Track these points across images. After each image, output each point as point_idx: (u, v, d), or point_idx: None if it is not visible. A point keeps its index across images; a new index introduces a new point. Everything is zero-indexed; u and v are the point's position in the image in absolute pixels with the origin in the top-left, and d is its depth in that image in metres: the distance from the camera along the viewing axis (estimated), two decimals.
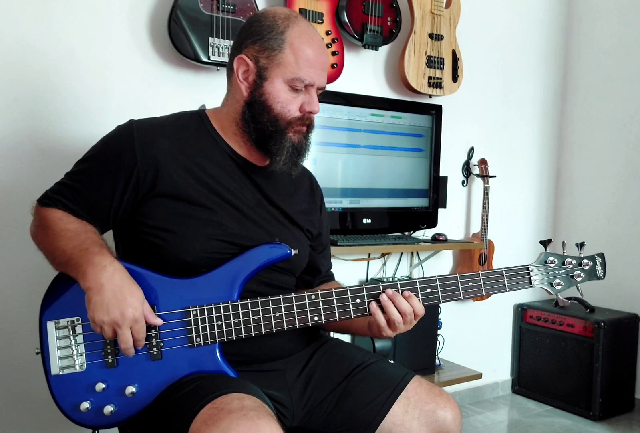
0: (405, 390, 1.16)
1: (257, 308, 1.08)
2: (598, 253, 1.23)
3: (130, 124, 1.14)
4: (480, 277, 1.15)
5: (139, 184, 1.09)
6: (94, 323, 0.99)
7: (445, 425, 1.14)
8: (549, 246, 1.21)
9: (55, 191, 1.14)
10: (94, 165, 1.13)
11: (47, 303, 1.08)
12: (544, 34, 2.94)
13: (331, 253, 1.44)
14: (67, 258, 1.04)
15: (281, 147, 1.13)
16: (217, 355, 1.07)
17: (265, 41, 1.11)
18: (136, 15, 1.81)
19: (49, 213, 1.11)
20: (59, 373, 1.05)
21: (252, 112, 1.13)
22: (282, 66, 1.10)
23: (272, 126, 1.12)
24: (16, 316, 1.63)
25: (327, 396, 1.18)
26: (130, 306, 0.99)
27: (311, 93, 1.14)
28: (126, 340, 1.00)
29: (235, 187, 1.16)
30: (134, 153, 1.09)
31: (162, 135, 1.12)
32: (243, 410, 0.91)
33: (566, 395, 2.68)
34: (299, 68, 1.10)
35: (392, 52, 2.38)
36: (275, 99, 1.11)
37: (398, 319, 1.09)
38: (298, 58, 1.10)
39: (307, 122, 1.16)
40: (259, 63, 1.12)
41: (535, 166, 2.97)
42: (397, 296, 1.10)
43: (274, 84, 1.11)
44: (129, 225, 1.14)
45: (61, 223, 1.09)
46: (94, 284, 0.99)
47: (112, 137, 1.14)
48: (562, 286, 1.20)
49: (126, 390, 1.03)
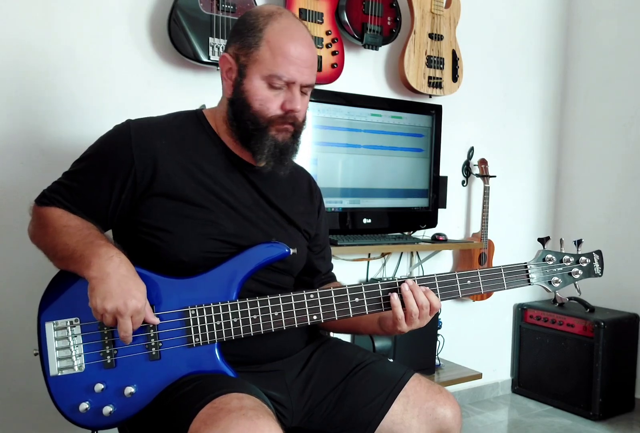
0: (405, 388, 1.16)
1: (255, 308, 1.08)
2: (595, 250, 1.23)
3: (127, 123, 1.14)
4: (479, 275, 1.16)
5: (136, 183, 1.09)
6: (96, 311, 0.99)
7: (445, 422, 1.15)
8: (547, 243, 1.21)
9: (53, 190, 1.14)
10: (91, 164, 1.13)
11: (45, 304, 1.08)
12: (544, 34, 2.94)
13: (331, 253, 1.44)
14: (71, 252, 1.04)
15: (262, 146, 1.12)
16: (216, 354, 1.06)
17: (244, 39, 1.11)
18: (136, 15, 1.81)
19: (47, 212, 1.11)
20: (57, 374, 1.04)
21: (234, 110, 1.13)
22: (258, 62, 1.09)
23: (252, 124, 1.12)
24: (15, 316, 1.63)
25: (326, 396, 1.18)
26: (134, 297, 0.99)
27: (293, 91, 1.11)
28: (126, 329, 1.00)
29: (232, 186, 1.16)
30: (131, 152, 1.09)
31: (160, 134, 1.12)
32: (242, 410, 0.91)
33: (566, 395, 2.68)
34: (276, 65, 1.08)
35: (392, 52, 2.38)
36: (253, 96, 1.10)
37: (415, 311, 1.10)
38: (275, 55, 1.08)
39: (291, 121, 1.13)
40: (239, 61, 1.12)
41: (535, 166, 2.97)
42: (417, 288, 1.11)
43: (252, 81, 1.10)
44: (127, 225, 1.14)
45: (61, 220, 1.09)
46: (99, 273, 0.99)
47: (110, 137, 1.14)
48: (560, 284, 1.20)
49: (125, 391, 1.03)
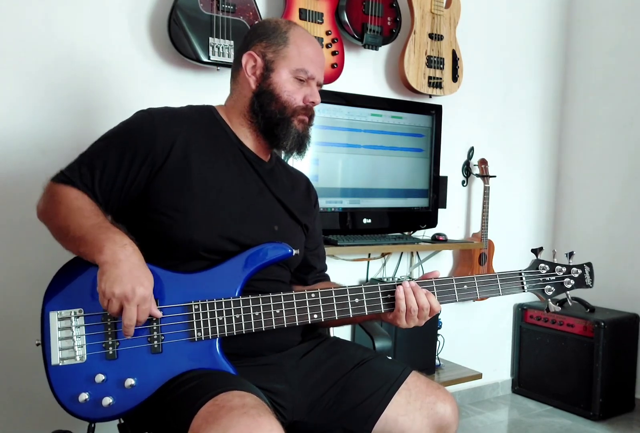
0: (405, 382, 1.19)
1: (258, 305, 1.10)
2: (586, 263, 1.28)
3: (148, 109, 1.19)
4: (475, 281, 1.20)
5: (155, 160, 1.13)
6: (103, 295, 1.00)
7: (445, 418, 1.17)
8: (540, 254, 1.25)
9: (72, 168, 1.15)
10: (114, 141, 1.15)
11: (50, 293, 1.08)
12: (544, 34, 2.94)
13: (331, 253, 1.45)
14: (84, 233, 1.05)
15: (288, 133, 1.24)
16: (216, 350, 1.08)
17: (271, 39, 1.24)
18: (136, 15, 1.81)
19: (64, 190, 1.12)
20: (58, 364, 1.05)
21: (260, 102, 1.23)
22: (288, 58, 1.23)
23: (279, 114, 1.23)
24: (15, 318, 1.63)
25: (327, 391, 1.19)
26: (142, 285, 1.00)
27: (312, 86, 1.26)
28: (131, 317, 1.00)
29: (240, 174, 1.22)
30: (155, 131, 1.14)
31: (180, 121, 1.19)
32: (244, 408, 0.91)
33: (566, 395, 2.68)
34: (302, 61, 1.23)
35: (392, 52, 2.38)
36: (282, 88, 1.22)
37: (415, 308, 1.14)
38: (301, 53, 1.23)
39: (310, 113, 1.27)
40: (266, 57, 1.23)
41: (535, 166, 2.98)
42: (418, 289, 1.16)
43: (281, 74, 1.22)
44: (138, 206, 1.15)
45: (77, 202, 1.10)
46: (111, 258, 1.00)
47: (134, 118, 1.18)
48: (552, 292, 1.25)
49: (125, 383, 1.04)
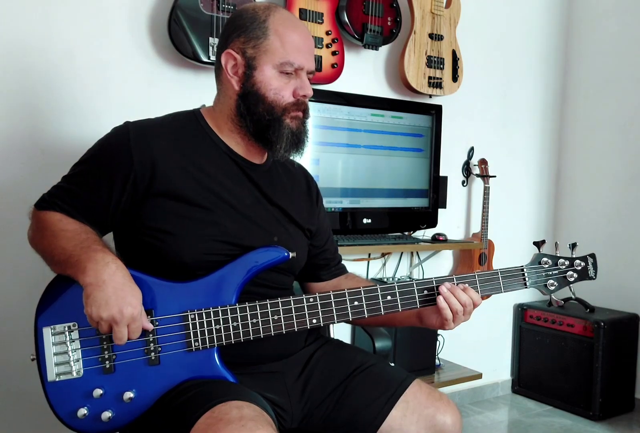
0: (405, 394, 1.16)
1: (255, 312, 1.07)
2: (590, 254, 1.24)
3: (125, 125, 1.13)
4: (477, 278, 1.17)
5: (136, 184, 1.08)
6: (91, 319, 0.98)
7: (444, 429, 1.14)
8: (543, 247, 1.22)
9: (52, 194, 1.13)
10: (90, 167, 1.12)
11: (42, 308, 1.06)
12: (544, 34, 2.94)
13: None
14: (68, 256, 1.02)
15: (280, 135, 1.14)
16: (215, 359, 1.05)
17: (249, 32, 1.12)
18: (136, 15, 1.81)
19: (46, 216, 1.11)
20: (55, 380, 1.02)
21: (246, 104, 1.13)
22: (270, 52, 1.11)
23: (268, 115, 1.13)
24: (15, 318, 1.62)
25: (326, 398, 1.17)
26: (130, 305, 0.98)
27: (302, 77, 1.14)
28: (121, 338, 0.98)
29: (233, 185, 1.15)
30: (131, 155, 1.07)
31: (159, 135, 1.11)
32: (242, 421, 0.89)
33: (566, 395, 2.68)
34: (287, 52, 1.11)
35: (392, 52, 2.38)
36: (267, 86, 1.12)
37: (460, 309, 1.12)
38: (284, 43, 1.11)
39: (302, 107, 1.16)
40: (247, 54, 1.12)
41: (535, 166, 2.97)
42: (456, 289, 1.13)
43: (264, 71, 1.12)
44: (127, 227, 1.13)
45: (60, 224, 1.08)
46: (95, 279, 0.97)
47: (108, 139, 1.13)
48: (555, 287, 1.21)
49: (124, 396, 1.02)
